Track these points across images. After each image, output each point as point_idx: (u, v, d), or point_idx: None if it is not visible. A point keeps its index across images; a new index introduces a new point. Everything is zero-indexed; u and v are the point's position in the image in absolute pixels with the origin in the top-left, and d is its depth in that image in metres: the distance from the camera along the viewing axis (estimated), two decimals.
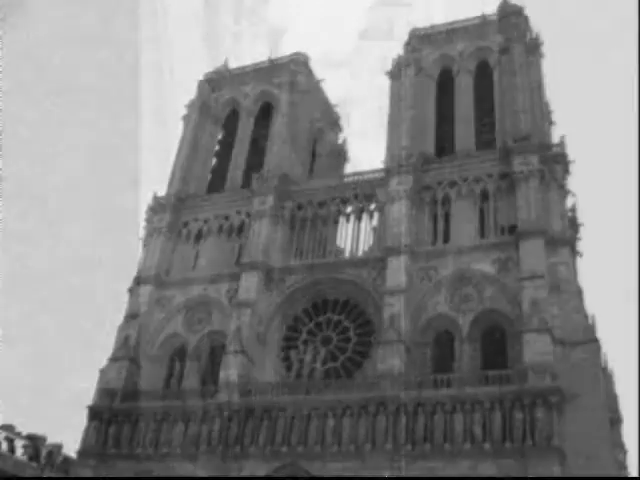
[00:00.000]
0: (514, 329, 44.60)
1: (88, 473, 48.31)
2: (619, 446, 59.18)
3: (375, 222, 54.79)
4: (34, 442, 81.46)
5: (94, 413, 50.61)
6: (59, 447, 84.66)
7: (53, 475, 77.11)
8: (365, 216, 55.69)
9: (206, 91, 69.40)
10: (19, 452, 77.71)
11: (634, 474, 59.58)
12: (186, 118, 68.16)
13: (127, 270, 60.61)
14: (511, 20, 59.94)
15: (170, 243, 59.41)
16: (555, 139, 53.53)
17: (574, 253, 49.33)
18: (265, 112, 66.92)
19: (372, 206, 55.33)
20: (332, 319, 51.97)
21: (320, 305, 52.90)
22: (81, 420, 51.51)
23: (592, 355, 42.55)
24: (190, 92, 70.48)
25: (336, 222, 56.83)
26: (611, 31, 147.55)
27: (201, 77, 71.33)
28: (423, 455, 40.75)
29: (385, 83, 62.69)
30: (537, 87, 56.55)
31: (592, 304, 49.57)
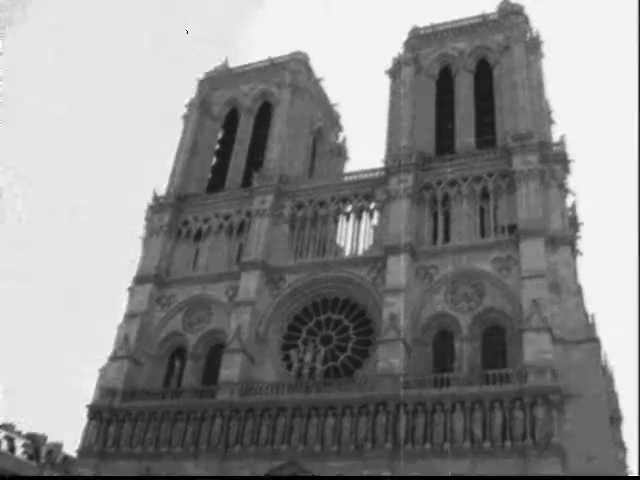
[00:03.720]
0: (514, 328, 44.59)
1: (88, 472, 48.20)
2: (619, 445, 59.19)
3: (375, 221, 54.78)
4: (34, 441, 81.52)
5: (94, 412, 50.54)
6: (59, 446, 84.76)
7: (53, 474, 77.11)
8: (365, 215, 55.65)
9: (206, 90, 69.39)
10: (19, 451, 77.74)
11: (634, 473, 59.65)
12: (186, 117, 68.12)
13: (127, 269, 60.76)
14: (511, 19, 59.94)
15: (170, 242, 59.39)
16: (555, 138, 53.57)
17: (574, 252, 49.25)
18: (265, 111, 66.85)
19: (372, 205, 55.30)
20: (332, 318, 51.92)
21: (320, 304, 52.85)
22: (81, 419, 51.55)
23: (592, 354, 42.54)
24: (190, 91, 70.59)
25: (336, 221, 56.77)
26: (611, 30, 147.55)
27: (201, 76, 71.34)
28: (423, 454, 40.70)
29: (385, 82, 62.81)
30: (537, 86, 56.55)
31: (592, 303, 49.60)
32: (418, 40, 62.78)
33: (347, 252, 54.95)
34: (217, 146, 68.04)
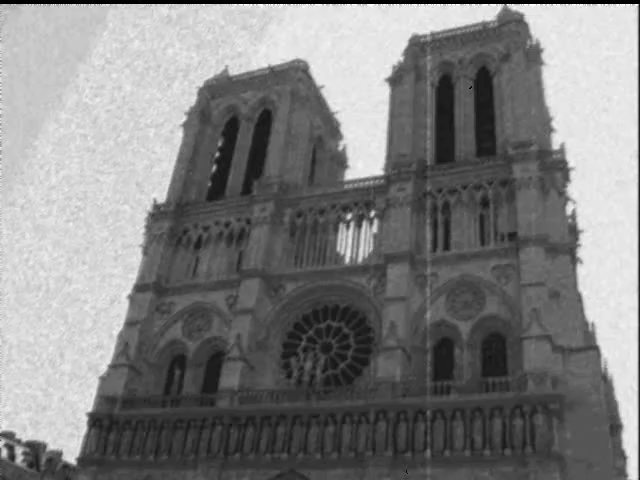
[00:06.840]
0: (514, 336, 44.57)
1: None
2: (619, 453, 59.12)
3: (375, 229, 54.78)
4: (34, 449, 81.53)
5: (94, 420, 50.48)
6: (59, 454, 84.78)
7: None
8: (365, 223, 55.65)
9: (206, 98, 69.51)
10: (19, 459, 77.70)
11: None
12: (186, 125, 68.25)
13: (127, 277, 60.90)
14: (511, 27, 60.09)
15: (170, 250, 59.40)
16: (555, 146, 53.61)
17: (574, 260, 49.31)
18: (265, 119, 66.98)
19: (372, 213, 55.30)
20: (332, 326, 51.88)
21: (320, 312, 52.83)
22: (81, 427, 51.58)
23: (592, 362, 42.50)
24: (190, 99, 70.78)
25: (336, 229, 56.70)
26: (611, 38, 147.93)
27: (201, 84, 71.53)
28: (423, 462, 40.60)
29: (385, 90, 62.95)
30: (537, 94, 56.65)
31: (592, 311, 49.70)
32: (418, 48, 62.86)
33: (347, 260, 54.92)
34: (217, 154, 68.11)
